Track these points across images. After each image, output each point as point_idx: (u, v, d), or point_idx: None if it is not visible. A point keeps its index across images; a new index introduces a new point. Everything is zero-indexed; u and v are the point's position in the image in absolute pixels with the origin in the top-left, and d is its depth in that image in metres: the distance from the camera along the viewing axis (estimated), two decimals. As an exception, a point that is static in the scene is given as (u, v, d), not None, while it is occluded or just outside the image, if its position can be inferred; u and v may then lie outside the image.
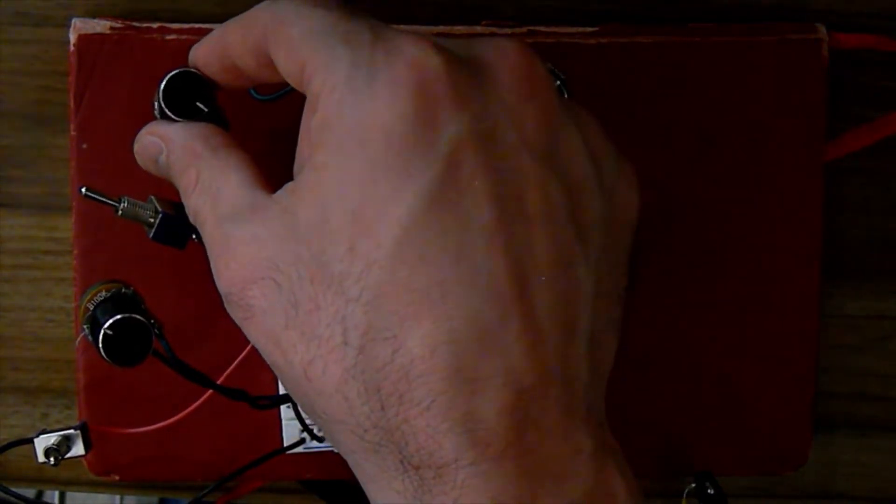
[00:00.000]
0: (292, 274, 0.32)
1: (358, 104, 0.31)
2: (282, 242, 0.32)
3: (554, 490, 0.31)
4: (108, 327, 0.39)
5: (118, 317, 0.39)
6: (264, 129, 0.45)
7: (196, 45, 0.38)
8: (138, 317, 0.39)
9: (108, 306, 0.40)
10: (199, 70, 0.38)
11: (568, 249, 0.32)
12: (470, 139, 0.31)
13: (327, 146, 0.31)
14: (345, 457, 0.33)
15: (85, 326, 0.41)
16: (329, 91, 0.32)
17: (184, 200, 0.36)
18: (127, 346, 0.39)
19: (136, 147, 0.38)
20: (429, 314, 0.30)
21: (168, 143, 0.37)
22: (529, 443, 0.31)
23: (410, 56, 0.31)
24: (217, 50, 0.37)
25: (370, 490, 0.32)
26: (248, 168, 0.35)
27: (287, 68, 0.33)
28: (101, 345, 0.39)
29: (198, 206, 0.35)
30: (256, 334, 0.33)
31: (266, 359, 0.34)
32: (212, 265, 0.34)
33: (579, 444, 0.32)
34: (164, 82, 0.40)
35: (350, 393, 0.31)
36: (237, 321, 0.34)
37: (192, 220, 0.36)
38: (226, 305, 0.34)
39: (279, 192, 0.34)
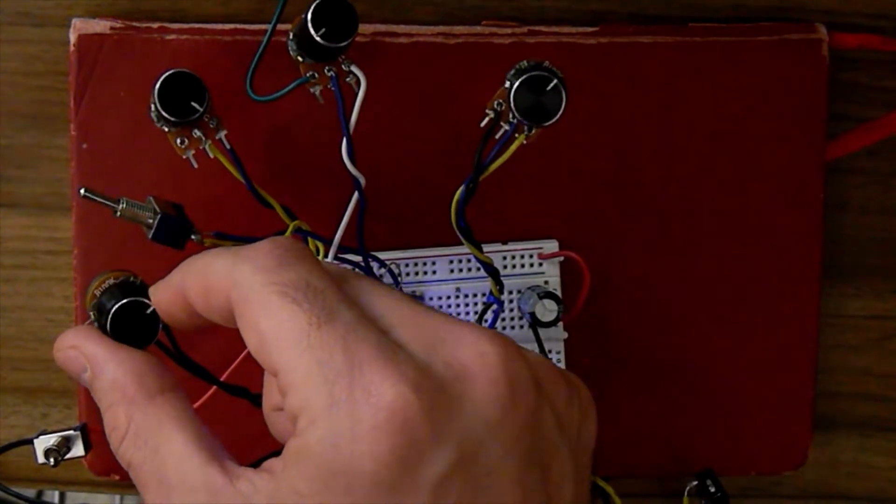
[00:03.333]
0: None
1: (342, 449, 0.31)
2: None
3: None
4: (116, 311, 0.39)
5: (125, 300, 0.39)
6: (264, 129, 0.45)
7: (155, 287, 0.37)
8: (146, 300, 0.39)
9: (116, 292, 0.40)
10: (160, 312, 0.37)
11: None
12: (453, 471, 0.31)
13: (312, 479, 0.31)
14: None
15: (91, 313, 0.41)
16: (310, 422, 0.31)
17: (108, 439, 0.35)
18: (134, 330, 0.39)
19: (57, 354, 0.37)
20: None
21: (94, 368, 0.36)
22: None
23: (388, 399, 0.31)
24: (177, 299, 0.36)
25: None
26: (191, 428, 0.34)
27: (258, 356, 0.33)
28: (108, 327, 0.39)
29: (133, 459, 0.34)
30: None
31: None
32: None
33: None
34: (158, 83, 0.40)
35: None
36: None
37: (124, 466, 0.35)
38: None
39: (242, 484, 0.33)
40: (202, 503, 0.33)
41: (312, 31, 0.39)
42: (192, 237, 0.40)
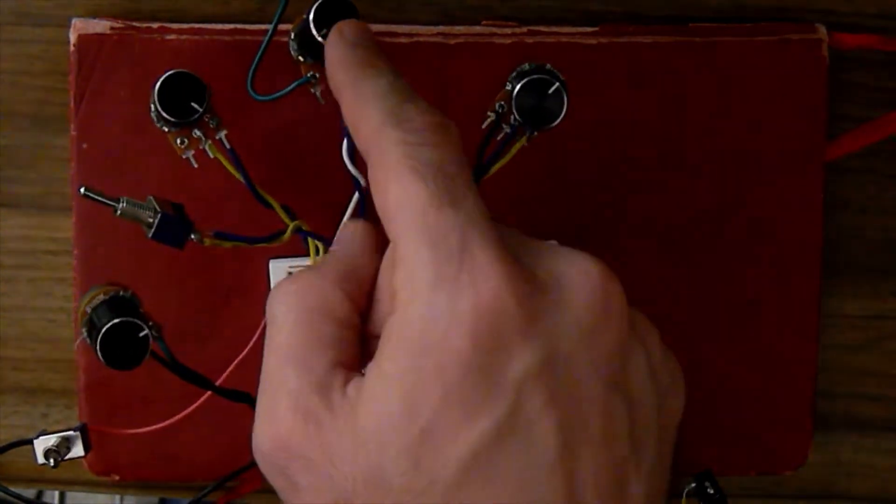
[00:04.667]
0: (345, 471, 0.32)
1: (437, 327, 0.32)
2: (339, 437, 0.32)
3: None
4: (106, 331, 0.39)
5: (115, 321, 0.39)
6: (264, 129, 0.45)
7: (335, 44, 0.38)
8: (135, 320, 0.39)
9: (106, 309, 0.40)
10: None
11: (624, 468, 0.33)
12: (540, 374, 0.32)
13: (402, 358, 0.32)
14: None
15: (83, 329, 0.41)
16: (410, 297, 0.32)
17: (278, 284, 0.36)
18: (124, 350, 0.39)
19: (344, 226, 0.39)
20: None
21: (348, 240, 0.38)
22: None
23: (492, 287, 0.32)
24: (334, 81, 0.38)
25: None
26: (342, 331, 0.35)
27: (378, 205, 0.34)
28: (98, 349, 0.39)
29: (278, 316, 0.35)
30: None
31: None
32: (259, 400, 0.34)
33: None
34: (158, 83, 0.40)
35: None
36: (274, 486, 0.34)
37: (267, 315, 0.35)
38: (258, 460, 0.35)
39: (350, 388, 0.33)
40: (312, 386, 0.33)
41: (314, 32, 0.39)
42: (192, 236, 0.40)
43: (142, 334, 0.39)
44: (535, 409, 0.32)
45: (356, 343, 0.35)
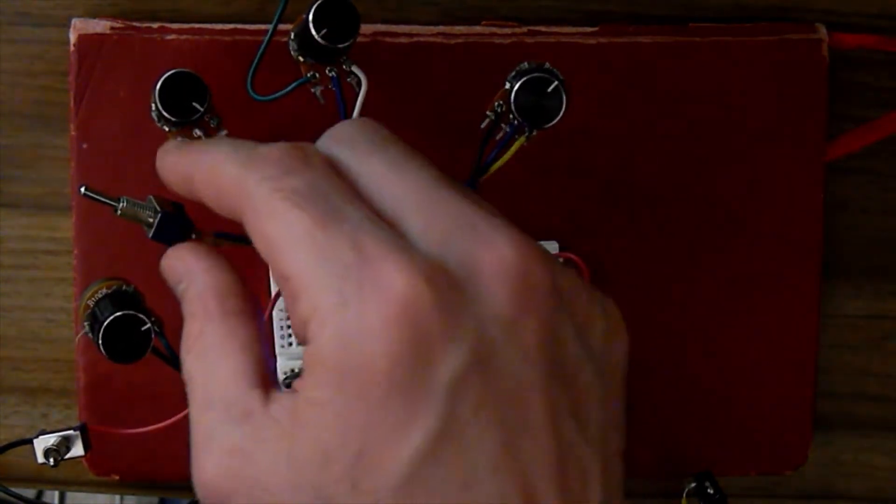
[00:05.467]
0: (286, 499, 0.32)
1: (353, 347, 0.31)
2: (274, 466, 0.32)
3: None
4: (108, 324, 0.39)
5: (118, 313, 0.39)
6: (263, 129, 0.45)
7: (164, 160, 0.37)
8: (138, 313, 0.39)
9: (108, 303, 0.40)
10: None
11: (573, 445, 0.32)
12: (469, 371, 0.31)
13: (325, 383, 0.31)
14: None
15: (85, 324, 0.41)
16: (320, 324, 0.31)
17: (181, 344, 0.36)
18: (126, 343, 0.39)
19: (163, 262, 0.38)
20: None
21: (188, 280, 0.36)
22: None
23: (399, 291, 0.31)
24: (183, 184, 0.37)
25: None
26: (250, 353, 0.35)
27: (264, 254, 0.33)
28: (100, 341, 0.39)
29: (190, 369, 0.35)
30: None
31: None
32: (191, 447, 0.34)
33: None
34: (159, 83, 0.40)
35: None
36: None
37: (184, 376, 0.35)
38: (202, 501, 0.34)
39: (275, 407, 0.33)
40: (234, 421, 0.33)
41: (314, 32, 0.39)
42: (193, 236, 0.40)
43: (144, 328, 0.39)
44: (467, 412, 0.31)
45: (263, 358, 0.35)
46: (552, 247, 0.47)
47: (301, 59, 0.42)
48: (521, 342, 0.32)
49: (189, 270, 0.36)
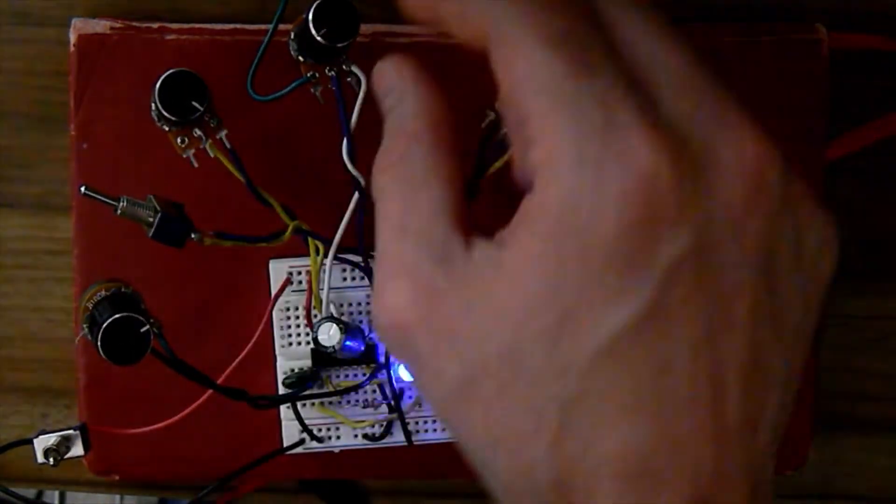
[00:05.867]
0: (475, 345, 0.31)
1: (583, 208, 0.30)
2: (467, 312, 0.31)
3: None
4: (107, 326, 0.39)
5: (117, 316, 0.39)
6: (264, 129, 0.45)
7: None
8: (136, 315, 0.40)
9: (107, 305, 0.40)
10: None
11: (768, 350, 0.32)
12: (687, 259, 0.30)
13: (544, 236, 0.30)
14: None
15: (84, 326, 0.41)
16: (553, 177, 0.30)
17: (375, 160, 0.34)
18: (125, 345, 0.39)
19: (378, 66, 0.35)
20: (623, 421, 0.30)
21: (401, 93, 0.34)
22: None
23: (643, 164, 0.30)
24: (429, 13, 0.35)
25: None
26: (454, 191, 0.33)
27: (507, 104, 0.32)
28: (99, 344, 0.39)
29: (386, 189, 0.33)
30: (427, 383, 0.32)
31: (426, 396, 0.33)
32: (375, 275, 0.33)
33: None
34: (159, 83, 0.40)
35: (538, 478, 0.31)
36: (399, 360, 0.33)
37: (374, 193, 0.33)
38: (379, 333, 0.33)
39: (477, 254, 0.31)
40: (432, 259, 0.32)
41: (314, 32, 0.39)
42: (192, 236, 0.40)
43: (143, 330, 0.39)
44: (676, 300, 0.30)
45: (464, 199, 0.33)
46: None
47: (301, 59, 0.42)
48: (742, 240, 0.31)
49: (404, 85, 0.34)
